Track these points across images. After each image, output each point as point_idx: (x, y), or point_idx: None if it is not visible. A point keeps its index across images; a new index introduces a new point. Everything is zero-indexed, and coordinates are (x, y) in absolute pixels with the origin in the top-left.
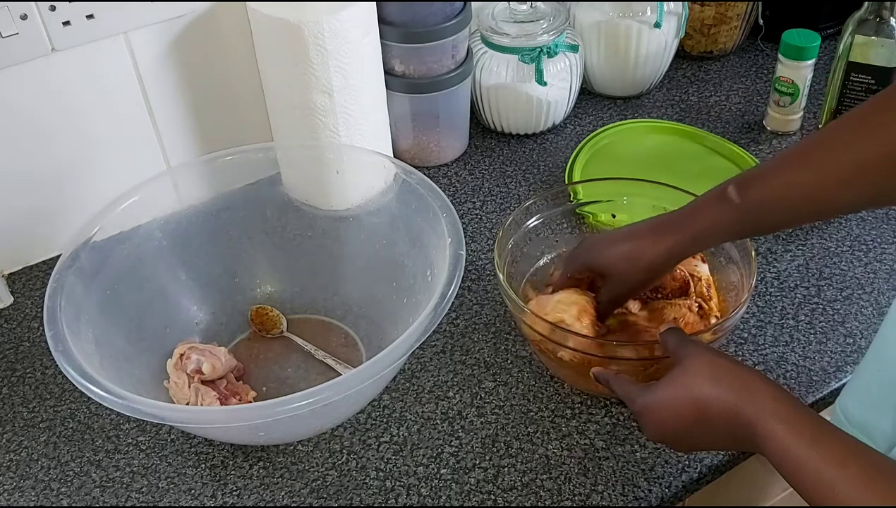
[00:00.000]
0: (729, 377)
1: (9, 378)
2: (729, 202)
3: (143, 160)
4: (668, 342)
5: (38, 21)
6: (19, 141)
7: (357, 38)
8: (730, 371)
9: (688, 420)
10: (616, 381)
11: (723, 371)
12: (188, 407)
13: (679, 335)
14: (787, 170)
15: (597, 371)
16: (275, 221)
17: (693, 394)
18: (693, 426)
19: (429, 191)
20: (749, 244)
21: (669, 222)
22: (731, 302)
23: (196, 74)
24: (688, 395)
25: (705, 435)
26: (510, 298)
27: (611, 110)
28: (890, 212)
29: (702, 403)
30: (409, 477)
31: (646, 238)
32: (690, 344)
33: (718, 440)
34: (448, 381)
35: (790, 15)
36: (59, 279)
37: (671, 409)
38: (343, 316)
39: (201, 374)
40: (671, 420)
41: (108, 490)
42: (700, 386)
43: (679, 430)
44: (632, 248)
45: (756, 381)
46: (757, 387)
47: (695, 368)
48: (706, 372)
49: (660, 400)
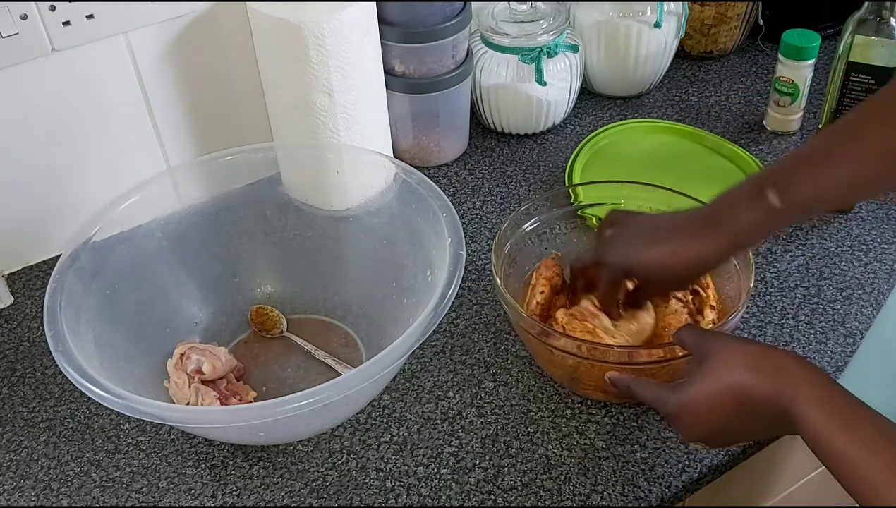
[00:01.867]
0: (765, 362)
1: (9, 378)
2: (768, 205)
3: (142, 160)
4: (685, 339)
5: (38, 21)
6: (19, 141)
7: (357, 38)
8: (764, 356)
9: (730, 412)
10: (639, 385)
11: (757, 357)
12: (188, 407)
13: (696, 330)
14: (823, 167)
15: (613, 376)
16: (275, 221)
17: (732, 385)
18: (735, 417)
19: (429, 191)
20: None
21: (708, 223)
22: (728, 305)
23: (196, 74)
24: (727, 387)
25: (748, 425)
26: (507, 302)
27: (611, 110)
28: (890, 211)
29: (743, 393)
30: (409, 477)
31: (686, 239)
32: (712, 337)
33: (760, 428)
34: (448, 381)
35: (790, 15)
36: (59, 279)
37: (712, 404)
38: (343, 316)
39: (201, 374)
40: (712, 415)
41: (108, 490)
42: (738, 375)
43: (721, 424)
44: (673, 251)
45: (791, 364)
46: (792, 371)
47: (728, 359)
48: (741, 361)
49: (697, 396)
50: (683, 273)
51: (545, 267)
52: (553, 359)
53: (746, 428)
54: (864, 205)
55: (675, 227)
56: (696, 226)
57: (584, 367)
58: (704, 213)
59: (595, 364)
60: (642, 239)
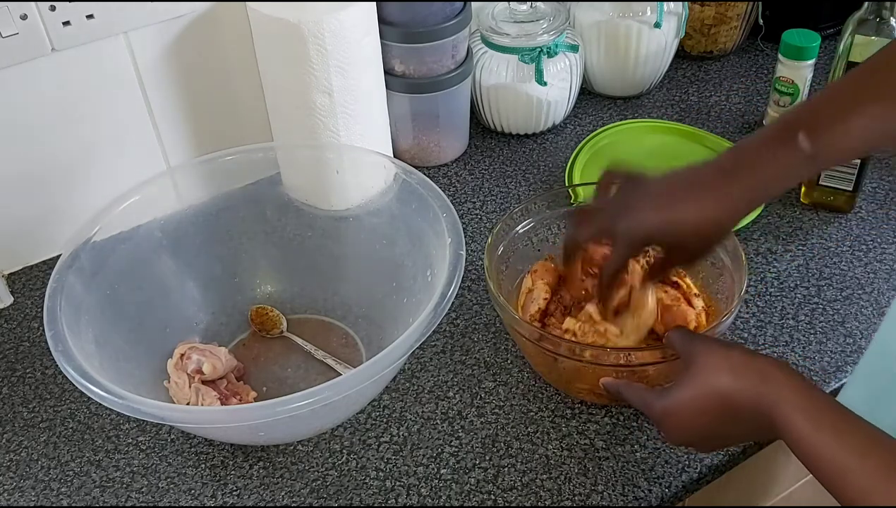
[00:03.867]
0: (747, 367)
1: (9, 378)
2: (799, 150)
3: (142, 160)
4: (675, 341)
5: (38, 21)
6: (19, 141)
7: (357, 38)
8: (747, 361)
9: (713, 416)
10: (629, 389)
11: (740, 362)
12: (188, 407)
13: (685, 333)
14: (855, 109)
15: (606, 381)
16: (275, 221)
17: (715, 389)
18: (719, 422)
19: (429, 191)
20: (741, 251)
21: (734, 172)
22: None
23: (196, 74)
24: (710, 391)
25: (731, 429)
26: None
27: (611, 110)
28: (890, 211)
29: (725, 397)
30: (409, 477)
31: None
32: (700, 342)
33: (743, 432)
34: (448, 381)
35: (790, 15)
36: (60, 279)
37: (695, 408)
38: (343, 316)
39: (202, 374)
40: (696, 419)
41: (107, 490)
42: (720, 380)
43: (705, 429)
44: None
45: (774, 370)
46: (775, 376)
47: (712, 363)
48: (724, 365)
49: (681, 400)
50: (714, 232)
51: (542, 270)
52: (548, 363)
53: (731, 433)
54: (864, 204)
55: (699, 181)
56: (721, 177)
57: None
58: (727, 162)
59: (591, 367)
60: (662, 197)
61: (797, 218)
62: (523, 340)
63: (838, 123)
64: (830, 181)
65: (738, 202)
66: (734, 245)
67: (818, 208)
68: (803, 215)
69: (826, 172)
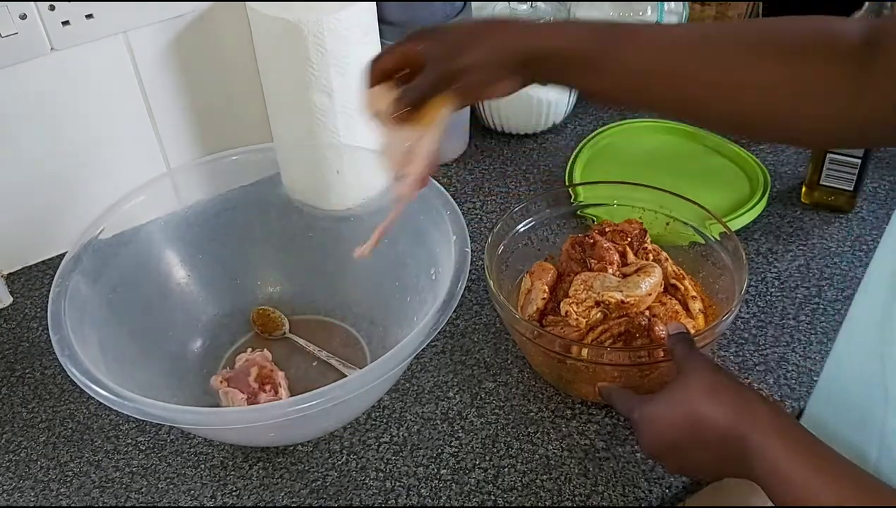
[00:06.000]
0: (728, 393)
1: (8, 378)
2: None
3: (142, 160)
4: (675, 350)
5: (38, 21)
6: (18, 141)
7: (357, 38)
8: (728, 387)
9: (682, 433)
10: (616, 394)
11: (721, 387)
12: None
13: (687, 342)
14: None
15: (602, 386)
16: (275, 222)
17: (690, 409)
18: (687, 440)
19: (430, 188)
20: (742, 251)
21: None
22: (722, 306)
23: (196, 74)
24: (685, 409)
25: (698, 453)
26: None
27: (611, 110)
28: (890, 211)
29: (698, 419)
30: (409, 478)
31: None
32: (692, 357)
33: (710, 459)
34: (448, 381)
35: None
36: (62, 282)
37: (667, 421)
38: (345, 316)
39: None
40: (666, 433)
41: (107, 490)
42: (698, 401)
43: (673, 444)
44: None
45: (754, 400)
46: (755, 405)
47: (694, 383)
48: (706, 388)
49: (657, 411)
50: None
51: (540, 271)
52: (548, 363)
53: (698, 457)
54: (864, 205)
55: (506, 21)
56: (518, 23)
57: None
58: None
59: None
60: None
61: (798, 218)
62: (523, 340)
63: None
64: (831, 181)
65: (541, 37)
66: (735, 245)
67: (819, 208)
68: (804, 215)
69: (827, 172)
